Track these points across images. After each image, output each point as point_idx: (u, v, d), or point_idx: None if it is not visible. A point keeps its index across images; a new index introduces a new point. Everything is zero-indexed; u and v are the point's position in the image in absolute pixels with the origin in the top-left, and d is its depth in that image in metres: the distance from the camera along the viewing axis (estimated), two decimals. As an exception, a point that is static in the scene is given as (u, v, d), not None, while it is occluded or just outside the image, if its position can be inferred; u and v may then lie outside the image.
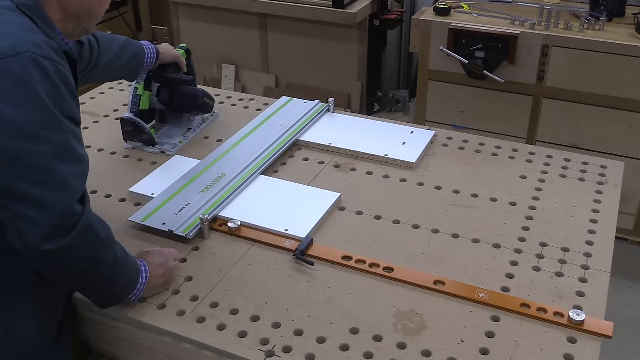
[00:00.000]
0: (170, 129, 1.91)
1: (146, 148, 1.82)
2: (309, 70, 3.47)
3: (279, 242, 1.45)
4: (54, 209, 1.06)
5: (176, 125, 1.92)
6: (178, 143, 1.85)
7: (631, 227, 2.79)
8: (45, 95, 1.04)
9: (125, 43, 1.70)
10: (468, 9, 2.83)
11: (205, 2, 3.47)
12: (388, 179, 1.71)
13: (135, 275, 1.25)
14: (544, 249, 1.44)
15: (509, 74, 2.67)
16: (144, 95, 1.81)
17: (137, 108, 1.81)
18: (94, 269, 1.17)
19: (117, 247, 1.21)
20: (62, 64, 1.09)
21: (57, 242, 1.07)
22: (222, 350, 1.19)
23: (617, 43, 2.49)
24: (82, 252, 1.12)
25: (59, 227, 1.07)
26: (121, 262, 1.21)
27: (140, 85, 1.81)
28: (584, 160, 1.78)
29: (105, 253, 1.17)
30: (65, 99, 1.09)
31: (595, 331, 1.21)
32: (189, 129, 1.91)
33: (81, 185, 1.11)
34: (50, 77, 1.05)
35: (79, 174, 1.11)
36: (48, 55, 1.06)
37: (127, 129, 1.81)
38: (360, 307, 1.28)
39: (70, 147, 1.09)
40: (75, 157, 1.10)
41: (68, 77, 1.10)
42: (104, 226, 1.18)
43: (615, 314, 2.43)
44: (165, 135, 1.88)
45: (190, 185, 1.63)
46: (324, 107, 2.03)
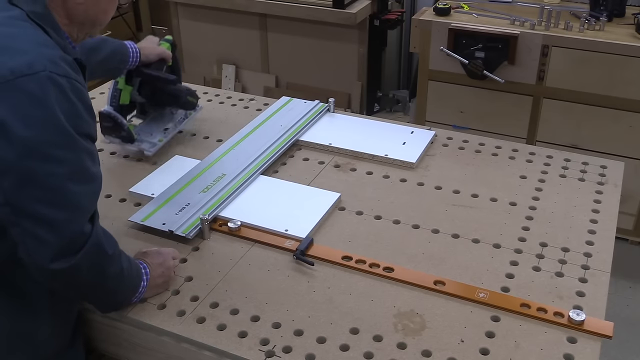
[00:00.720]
0: (150, 124, 1.83)
1: (124, 145, 1.76)
2: (309, 70, 3.47)
3: (279, 242, 1.45)
4: (64, 229, 1.06)
5: (157, 120, 1.85)
6: (157, 142, 1.78)
7: (631, 227, 2.80)
8: (62, 114, 1.04)
9: (103, 40, 1.66)
10: (468, 9, 2.83)
11: (205, 2, 3.47)
12: (388, 179, 1.71)
13: (138, 281, 1.26)
14: (544, 249, 1.44)
15: (509, 74, 2.68)
16: (125, 90, 1.75)
17: (117, 102, 1.74)
18: (100, 282, 1.18)
19: (123, 258, 1.21)
20: (78, 80, 1.08)
21: (65, 261, 1.07)
22: (222, 351, 1.19)
23: (617, 43, 2.49)
24: (89, 269, 1.12)
25: (67, 247, 1.07)
26: (126, 273, 1.21)
27: (121, 79, 1.74)
28: (584, 160, 1.78)
29: (111, 267, 1.17)
30: (82, 116, 1.08)
31: (595, 331, 1.21)
32: (171, 123, 1.85)
33: (92, 205, 1.11)
34: (67, 95, 1.05)
35: (90, 193, 1.11)
36: (65, 72, 1.05)
37: (105, 124, 1.73)
38: (360, 307, 1.28)
39: (84, 166, 1.08)
40: (88, 176, 1.10)
41: (84, 94, 1.09)
42: (111, 241, 1.18)
43: (615, 314, 2.43)
44: (145, 131, 1.81)
45: (190, 185, 1.63)
46: (324, 107, 2.03)
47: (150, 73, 1.74)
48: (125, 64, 1.70)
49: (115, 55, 1.67)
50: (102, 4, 1.19)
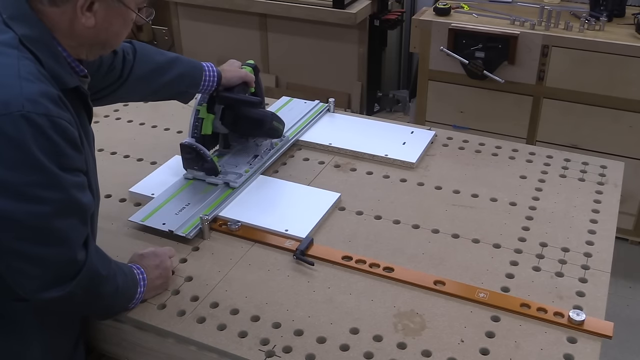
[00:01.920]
0: (235, 156, 1.72)
1: (207, 178, 1.63)
2: (309, 70, 3.47)
3: (279, 242, 1.45)
4: (52, 263, 1.05)
5: (242, 152, 1.74)
6: (244, 172, 1.64)
7: (631, 227, 2.79)
8: (41, 154, 0.99)
9: (174, 59, 1.54)
10: (468, 9, 2.83)
11: (205, 2, 3.47)
12: (388, 179, 1.71)
13: (134, 291, 1.25)
14: (544, 249, 1.44)
15: (509, 74, 2.67)
16: (207, 119, 1.62)
17: (199, 132, 1.62)
18: (95, 302, 1.18)
19: (119, 275, 1.20)
20: (61, 116, 1.03)
21: (59, 290, 1.07)
22: (222, 350, 1.19)
23: (617, 43, 2.49)
24: (83, 294, 1.12)
25: (59, 278, 1.07)
26: (121, 289, 1.21)
27: (202, 107, 1.62)
28: (584, 160, 1.78)
29: (106, 288, 1.17)
30: (65, 153, 1.03)
31: (595, 331, 1.21)
32: (256, 155, 1.72)
33: (82, 233, 1.09)
34: (46, 134, 1.00)
35: (79, 222, 1.08)
36: (44, 110, 1.00)
37: (187, 156, 1.61)
38: (360, 307, 1.28)
39: (71, 201, 1.06)
40: (77, 208, 1.07)
41: (68, 130, 1.04)
42: (106, 261, 1.17)
43: (615, 314, 2.43)
44: (230, 163, 1.69)
45: (190, 185, 1.63)
46: (324, 107, 2.03)
47: (231, 96, 1.62)
48: (195, 88, 1.58)
49: (183, 79, 1.55)
50: (115, 27, 1.13)
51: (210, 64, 1.59)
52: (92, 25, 1.09)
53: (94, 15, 1.08)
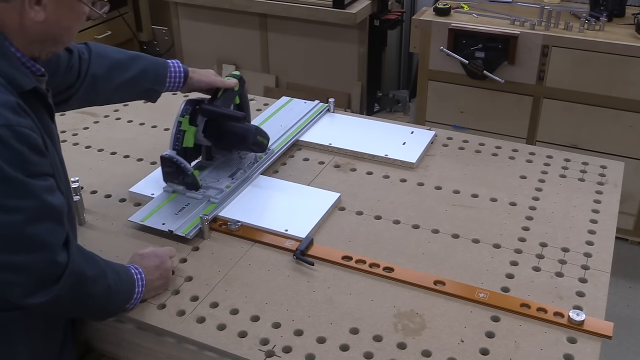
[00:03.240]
0: (217, 169, 1.67)
1: (188, 192, 1.58)
2: (309, 70, 3.47)
3: (279, 242, 1.45)
4: (32, 269, 1.05)
5: (225, 165, 1.69)
6: (225, 188, 1.59)
7: (631, 227, 2.79)
8: (6, 164, 0.99)
9: (135, 56, 1.50)
10: (468, 9, 2.83)
11: (205, 2, 3.47)
12: (388, 179, 1.71)
13: (131, 290, 1.25)
14: (544, 249, 1.44)
15: (509, 74, 2.67)
16: (189, 131, 1.56)
17: (180, 145, 1.56)
18: (87, 302, 1.18)
19: (109, 274, 1.19)
20: (22, 124, 1.02)
21: (44, 294, 1.07)
22: (222, 350, 1.19)
23: (617, 43, 2.49)
24: (71, 296, 1.12)
25: (43, 283, 1.07)
26: (114, 287, 1.20)
27: (184, 118, 1.56)
28: (584, 160, 1.78)
29: (95, 288, 1.16)
30: (29, 159, 1.03)
31: (595, 331, 1.21)
32: (239, 169, 1.67)
33: (61, 235, 1.09)
34: (8, 144, 0.99)
35: (55, 225, 1.08)
36: (4, 121, 0.99)
37: (167, 170, 1.56)
38: (360, 307, 1.28)
39: (44, 205, 1.05)
40: (50, 211, 1.07)
41: (30, 137, 1.03)
42: (92, 262, 1.17)
43: (615, 314, 2.44)
44: (212, 176, 1.64)
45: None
46: (324, 107, 2.03)
47: (214, 110, 1.57)
48: (161, 85, 1.53)
49: (147, 75, 1.50)
50: (66, 20, 1.11)
51: (177, 61, 1.56)
52: (42, 19, 1.06)
53: (43, 9, 1.06)
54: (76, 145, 1.88)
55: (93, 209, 1.58)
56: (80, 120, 1.99)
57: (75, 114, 1.71)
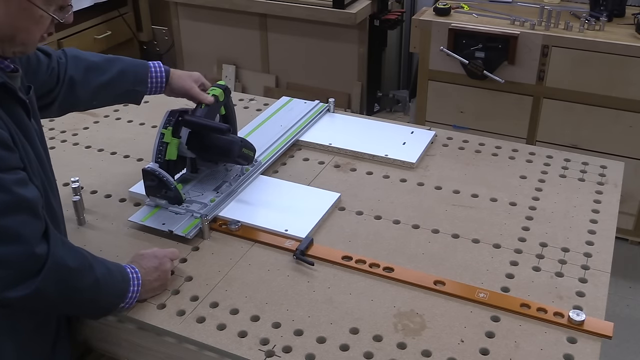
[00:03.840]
0: (202, 182, 1.63)
1: (171, 206, 1.54)
2: (309, 70, 3.47)
3: (279, 242, 1.45)
4: (10, 262, 1.05)
5: (209, 177, 1.64)
6: (209, 202, 1.54)
7: (631, 227, 2.79)
8: None
9: (113, 59, 1.49)
10: (468, 9, 2.83)
11: (205, 2, 3.47)
12: (388, 179, 1.71)
13: (123, 287, 1.24)
14: (544, 249, 1.44)
15: (509, 74, 2.68)
16: (172, 143, 1.51)
17: (163, 157, 1.51)
18: (74, 297, 1.17)
19: (97, 268, 1.19)
20: None
21: (25, 287, 1.07)
22: (222, 350, 1.19)
23: (617, 43, 2.49)
24: (55, 289, 1.11)
25: (22, 275, 1.06)
26: (103, 281, 1.19)
27: (167, 130, 1.51)
28: (584, 160, 1.78)
29: (82, 281, 1.16)
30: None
31: (595, 331, 1.21)
32: (225, 182, 1.63)
33: (38, 227, 1.09)
34: None
35: (30, 217, 1.08)
36: None
37: (149, 183, 1.50)
38: (360, 307, 1.28)
39: (16, 198, 1.05)
40: (22, 203, 1.07)
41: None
42: (75, 254, 1.16)
43: (615, 314, 2.44)
44: (196, 190, 1.60)
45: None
46: (324, 107, 2.03)
47: (197, 121, 1.52)
48: (142, 85, 1.50)
49: (126, 76, 1.48)
50: (20, 22, 1.09)
51: (158, 62, 1.54)
52: None
53: None
54: (76, 145, 1.88)
55: (93, 209, 1.58)
56: (80, 120, 1.99)
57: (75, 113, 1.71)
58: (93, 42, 3.61)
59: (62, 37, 3.39)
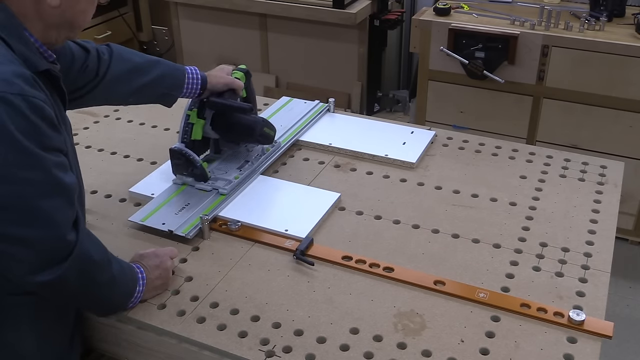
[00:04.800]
0: (225, 162, 1.70)
1: (197, 184, 1.61)
2: (309, 70, 3.47)
3: (279, 242, 1.45)
4: (41, 245, 1.05)
5: (232, 157, 1.71)
6: (233, 179, 1.62)
7: (631, 227, 2.79)
8: (20, 134, 1.00)
9: (155, 61, 1.52)
10: (468, 9, 2.83)
11: (205, 2, 3.47)
12: (388, 179, 1.71)
13: (132, 286, 1.25)
14: (544, 249, 1.44)
15: (509, 74, 2.68)
16: (197, 124, 1.59)
17: (189, 137, 1.59)
18: (91, 290, 1.17)
19: (114, 265, 1.19)
20: (36, 95, 1.03)
21: (51, 272, 1.06)
22: (222, 350, 1.19)
23: (617, 43, 2.49)
24: (77, 278, 1.11)
25: (50, 260, 1.06)
26: (118, 280, 1.20)
27: (192, 112, 1.59)
28: (584, 160, 1.78)
29: (100, 275, 1.16)
30: (44, 132, 1.04)
31: (595, 331, 1.21)
32: (247, 161, 1.70)
33: (70, 215, 1.09)
34: (24, 114, 1.00)
35: (65, 203, 1.08)
36: (19, 90, 1.00)
37: (176, 162, 1.59)
38: (360, 307, 1.28)
39: (54, 181, 1.05)
40: (61, 189, 1.07)
41: (45, 109, 1.04)
42: (99, 248, 1.17)
43: (615, 314, 2.44)
44: (220, 168, 1.67)
45: (190, 185, 1.62)
46: (324, 107, 2.03)
47: (221, 102, 1.59)
48: (178, 90, 1.54)
49: (164, 80, 1.52)
50: (81, 4, 1.13)
51: (195, 68, 1.58)
52: (57, 4, 1.09)
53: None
54: (76, 145, 1.87)
55: (93, 209, 1.58)
56: (80, 120, 1.99)
57: (75, 113, 1.71)
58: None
59: (62, 37, 3.38)
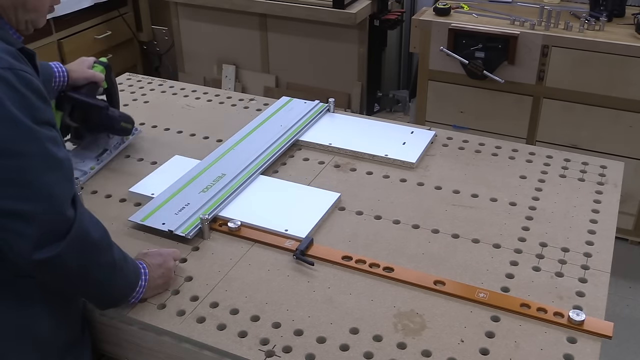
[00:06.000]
0: (84, 150, 1.74)
1: None
2: (309, 70, 3.47)
3: (279, 242, 1.45)
4: (40, 220, 1.04)
5: (92, 144, 1.76)
6: (89, 170, 1.68)
7: (631, 227, 2.80)
8: (14, 107, 1.00)
9: None
10: (468, 9, 2.83)
11: (205, 2, 3.47)
12: (388, 179, 1.71)
13: (135, 279, 1.25)
14: (544, 249, 1.44)
15: (509, 74, 2.68)
16: (55, 115, 1.59)
17: None
18: (90, 272, 1.16)
19: (115, 250, 1.19)
20: (24, 69, 1.04)
21: (49, 250, 1.05)
22: (222, 350, 1.19)
23: (617, 43, 2.49)
24: (75, 257, 1.10)
25: (49, 236, 1.05)
26: (119, 266, 1.19)
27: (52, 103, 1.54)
28: (584, 160, 1.78)
29: (100, 256, 1.15)
30: (35, 105, 1.04)
31: (595, 331, 1.21)
32: (105, 149, 1.76)
33: (68, 189, 1.08)
34: (15, 87, 1.01)
35: (62, 179, 1.08)
36: (8, 65, 1.01)
37: None
38: (360, 307, 1.28)
39: (49, 154, 1.05)
40: (56, 163, 1.07)
41: (33, 82, 1.05)
42: (98, 228, 1.16)
43: (615, 314, 2.44)
44: (78, 156, 1.71)
45: (190, 185, 1.63)
46: (324, 107, 2.03)
47: (78, 98, 1.62)
48: (48, 85, 1.57)
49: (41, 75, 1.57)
50: None
51: (58, 63, 1.60)
52: None
53: None
54: (76, 145, 1.88)
55: (93, 209, 1.56)
56: (80, 120, 1.99)
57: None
58: (93, 42, 3.61)
59: (62, 38, 3.38)
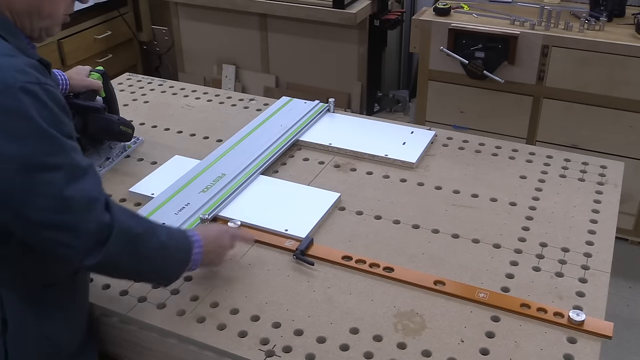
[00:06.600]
0: None
1: None
2: (309, 70, 3.47)
3: (279, 242, 1.45)
4: (83, 229, 1.05)
5: (94, 155, 1.78)
6: None
7: (631, 227, 2.79)
8: (43, 121, 1.01)
9: None
10: (468, 9, 2.83)
11: (205, 2, 3.47)
12: (388, 179, 1.71)
13: (187, 249, 1.23)
14: (544, 249, 1.44)
15: (509, 74, 2.68)
16: None
17: None
18: (143, 261, 1.17)
19: (160, 232, 1.18)
20: (49, 83, 1.05)
21: (96, 256, 1.07)
22: (222, 350, 1.19)
23: (617, 43, 2.49)
24: (125, 255, 1.12)
25: (93, 244, 1.07)
26: (167, 245, 1.19)
27: None
28: (584, 160, 1.78)
29: (148, 245, 1.16)
30: (60, 118, 1.06)
31: (595, 331, 1.21)
32: (108, 158, 1.78)
33: (100, 195, 1.09)
34: (43, 102, 1.02)
35: (93, 186, 1.09)
36: (35, 79, 1.02)
37: None
38: (360, 307, 1.28)
39: (77, 165, 1.07)
40: (83, 172, 1.08)
41: (57, 95, 1.06)
42: (138, 219, 1.17)
43: (615, 314, 2.44)
44: None
45: (190, 185, 1.63)
46: (324, 107, 2.03)
47: (76, 102, 1.66)
48: None
49: None
50: None
51: (59, 71, 1.62)
52: None
53: None
54: (76, 145, 1.88)
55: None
56: (80, 120, 1.99)
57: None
58: (93, 42, 3.61)
59: (62, 37, 3.38)
